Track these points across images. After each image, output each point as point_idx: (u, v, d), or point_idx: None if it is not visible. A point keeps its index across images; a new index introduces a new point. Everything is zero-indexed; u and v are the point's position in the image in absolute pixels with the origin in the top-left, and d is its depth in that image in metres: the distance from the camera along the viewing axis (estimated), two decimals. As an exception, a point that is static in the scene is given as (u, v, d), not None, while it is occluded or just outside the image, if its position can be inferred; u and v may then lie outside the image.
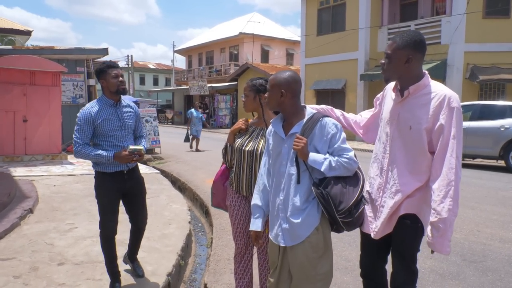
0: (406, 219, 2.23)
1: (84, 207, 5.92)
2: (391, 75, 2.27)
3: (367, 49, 18.34)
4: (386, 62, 2.26)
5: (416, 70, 2.21)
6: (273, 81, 2.28)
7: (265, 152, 2.48)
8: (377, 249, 2.43)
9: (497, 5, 15.29)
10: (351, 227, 2.25)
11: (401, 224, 2.24)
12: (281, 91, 2.23)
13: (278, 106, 2.29)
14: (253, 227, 2.42)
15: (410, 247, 2.24)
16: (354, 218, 2.18)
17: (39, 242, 4.45)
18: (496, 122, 10.04)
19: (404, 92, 2.22)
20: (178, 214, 5.80)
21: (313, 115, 2.27)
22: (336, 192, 2.14)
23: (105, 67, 3.21)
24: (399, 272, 2.30)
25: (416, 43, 2.16)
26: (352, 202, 2.14)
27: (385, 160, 2.33)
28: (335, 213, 2.13)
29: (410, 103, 2.21)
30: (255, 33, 30.20)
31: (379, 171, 2.37)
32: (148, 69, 57.21)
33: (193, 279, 4.27)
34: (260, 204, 2.41)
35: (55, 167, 9.69)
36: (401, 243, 2.27)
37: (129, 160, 3.15)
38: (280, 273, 2.33)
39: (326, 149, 2.23)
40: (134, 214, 3.46)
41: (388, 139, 2.32)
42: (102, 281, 3.48)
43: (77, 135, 3.14)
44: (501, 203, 6.57)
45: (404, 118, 2.22)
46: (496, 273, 3.85)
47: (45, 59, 10.69)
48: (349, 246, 4.56)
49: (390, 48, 2.22)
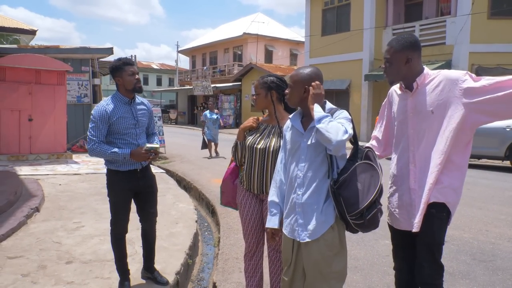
0: (432, 208, 2.23)
1: (90, 206, 5.92)
2: (395, 77, 2.39)
3: (371, 50, 18.30)
4: (387, 66, 2.38)
5: (417, 67, 2.34)
6: (296, 77, 2.28)
7: (282, 148, 2.47)
8: (410, 240, 2.41)
9: (502, 5, 15.23)
10: (364, 229, 2.21)
11: (428, 214, 2.24)
12: (304, 87, 2.25)
13: (301, 102, 2.29)
14: (270, 224, 2.39)
15: (436, 237, 2.23)
16: (366, 221, 2.12)
17: (47, 241, 4.45)
18: (502, 122, 9.94)
19: (412, 87, 2.33)
20: (184, 213, 5.79)
21: (332, 109, 2.28)
22: (349, 194, 2.12)
23: (121, 64, 3.14)
24: (425, 265, 2.28)
25: (412, 44, 2.31)
26: (365, 205, 2.09)
27: (409, 154, 2.36)
28: (346, 214, 2.12)
29: (422, 91, 2.31)
30: (259, 34, 30.19)
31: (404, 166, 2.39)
32: (151, 69, 57.29)
33: (201, 278, 4.26)
34: (278, 201, 2.40)
35: (61, 166, 9.70)
36: (427, 234, 2.25)
37: (146, 158, 3.13)
38: (294, 270, 2.31)
39: None
40: (145, 213, 3.41)
41: (410, 135, 2.36)
42: (111, 279, 3.48)
43: (92, 133, 3.08)
44: (509, 203, 6.54)
45: (423, 106, 2.29)
46: (507, 272, 3.82)
47: (50, 58, 10.74)
48: (357, 245, 4.54)
49: (388, 53, 2.34)
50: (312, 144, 2.22)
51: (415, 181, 2.33)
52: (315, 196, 2.20)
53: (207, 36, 41.56)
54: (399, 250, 2.55)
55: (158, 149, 3.20)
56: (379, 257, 4.22)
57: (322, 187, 2.20)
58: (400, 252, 2.54)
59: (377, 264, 4.04)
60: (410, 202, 2.35)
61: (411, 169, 2.35)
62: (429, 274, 2.27)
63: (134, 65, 3.23)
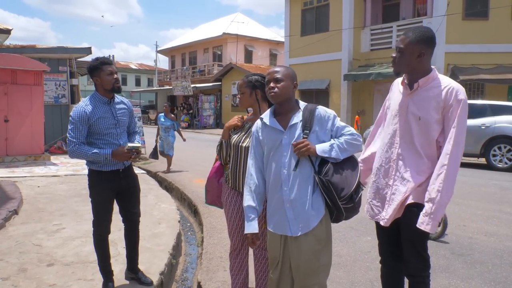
0: (414, 206, 2.28)
1: (70, 208, 5.82)
2: (402, 68, 2.33)
3: (350, 50, 18.55)
4: (398, 56, 2.31)
5: (426, 65, 2.28)
6: (287, 71, 2.32)
7: (252, 151, 2.44)
8: (393, 235, 2.46)
9: (476, 7, 15.65)
10: (352, 213, 2.27)
11: (409, 212, 2.30)
12: (294, 82, 2.30)
13: (289, 97, 2.32)
14: (250, 229, 2.34)
15: (419, 233, 2.27)
16: (355, 203, 2.22)
17: (26, 243, 4.36)
18: (477, 121, 10.25)
19: (413, 85, 2.30)
20: (167, 213, 5.75)
21: (307, 105, 2.34)
22: (337, 179, 2.18)
23: (99, 63, 3.08)
24: (411, 260, 2.34)
25: (429, 39, 2.24)
26: (354, 187, 2.18)
27: (393, 150, 2.40)
28: (337, 200, 2.17)
29: (420, 95, 2.29)
30: (238, 34, 30.16)
31: (386, 160, 2.43)
32: (130, 69, 56.53)
33: (185, 278, 4.25)
34: (254, 205, 2.36)
35: (38, 168, 9.50)
36: (410, 230, 2.29)
37: (128, 158, 3.09)
38: (282, 268, 2.33)
39: (328, 135, 2.30)
40: (129, 213, 3.37)
41: (396, 130, 2.39)
42: (94, 281, 3.43)
43: (72, 134, 3.02)
44: (484, 199, 6.73)
45: (414, 109, 2.29)
46: (484, 265, 3.94)
47: (27, 58, 10.50)
48: (340, 242, 4.60)
49: (403, 43, 2.26)
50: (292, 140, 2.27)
51: (395, 178, 2.37)
52: (303, 190, 2.24)
53: (186, 36, 41.28)
54: (385, 245, 2.60)
55: (140, 148, 3.17)
56: (361, 253, 4.29)
57: (308, 180, 2.24)
58: (385, 246, 2.59)
59: (360, 260, 4.11)
60: (386, 197, 2.40)
61: (392, 166, 2.39)
62: (415, 268, 2.34)
63: (112, 64, 3.17)
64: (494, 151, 10.18)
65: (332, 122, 2.31)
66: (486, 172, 9.79)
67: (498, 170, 9.96)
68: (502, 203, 6.46)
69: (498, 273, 3.76)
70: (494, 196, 7.00)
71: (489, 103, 10.60)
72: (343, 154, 2.24)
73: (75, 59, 13.38)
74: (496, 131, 10.14)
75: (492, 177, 8.96)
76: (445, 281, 3.59)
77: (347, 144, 2.25)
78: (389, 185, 2.39)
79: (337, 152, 2.23)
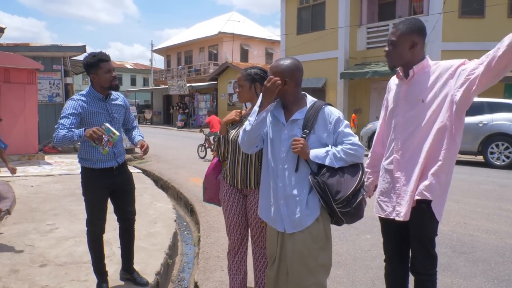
0: (423, 202, 2.21)
1: (64, 207, 5.71)
2: (396, 61, 2.30)
3: (346, 48, 18.47)
4: (390, 49, 2.29)
5: (419, 55, 2.26)
6: (276, 68, 2.21)
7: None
8: (399, 233, 2.40)
9: (472, 5, 15.62)
10: (350, 218, 2.19)
11: (418, 208, 2.23)
12: (284, 79, 2.17)
13: (280, 94, 2.22)
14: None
15: (428, 230, 2.22)
16: (352, 208, 2.12)
17: (19, 244, 4.25)
18: (475, 118, 10.21)
19: (408, 74, 2.27)
20: (163, 212, 5.66)
21: (315, 103, 2.25)
22: (333, 181, 2.10)
23: (97, 60, 2.93)
24: (418, 257, 2.29)
25: (419, 29, 2.23)
26: (350, 191, 2.10)
27: (397, 143, 2.32)
28: (332, 203, 2.09)
29: (417, 79, 2.26)
30: (234, 33, 30.05)
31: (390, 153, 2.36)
32: (125, 69, 56.17)
33: (181, 278, 4.16)
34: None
35: (32, 167, 9.38)
36: (419, 227, 2.24)
37: (94, 138, 2.68)
38: (279, 265, 2.28)
39: (331, 137, 2.20)
40: (124, 212, 3.27)
41: (398, 123, 2.32)
42: (88, 282, 3.34)
43: (60, 122, 2.81)
44: (484, 196, 6.68)
45: (414, 94, 2.25)
46: (486, 263, 3.88)
47: (20, 56, 10.33)
48: (339, 240, 4.53)
49: (394, 35, 2.25)
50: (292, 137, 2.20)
51: (400, 170, 2.30)
52: (298, 188, 2.18)
53: (182, 35, 41.08)
54: (389, 243, 2.53)
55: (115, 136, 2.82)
56: (361, 251, 4.21)
57: (304, 179, 2.18)
58: (390, 245, 2.52)
59: (360, 258, 4.03)
60: (394, 191, 2.33)
61: (395, 158, 2.33)
62: (423, 265, 2.28)
63: (110, 61, 3.02)
64: (491, 148, 10.13)
65: (333, 125, 2.20)
66: (484, 169, 9.75)
67: (496, 167, 9.91)
68: (501, 200, 6.41)
69: (501, 270, 3.70)
70: (493, 193, 6.95)
71: (487, 101, 10.53)
72: (338, 163, 2.14)
73: (70, 57, 13.22)
74: (493, 129, 10.10)
75: (490, 175, 8.91)
76: (448, 280, 3.52)
77: (344, 154, 2.14)
78: (394, 177, 2.32)
79: (332, 160, 2.14)
